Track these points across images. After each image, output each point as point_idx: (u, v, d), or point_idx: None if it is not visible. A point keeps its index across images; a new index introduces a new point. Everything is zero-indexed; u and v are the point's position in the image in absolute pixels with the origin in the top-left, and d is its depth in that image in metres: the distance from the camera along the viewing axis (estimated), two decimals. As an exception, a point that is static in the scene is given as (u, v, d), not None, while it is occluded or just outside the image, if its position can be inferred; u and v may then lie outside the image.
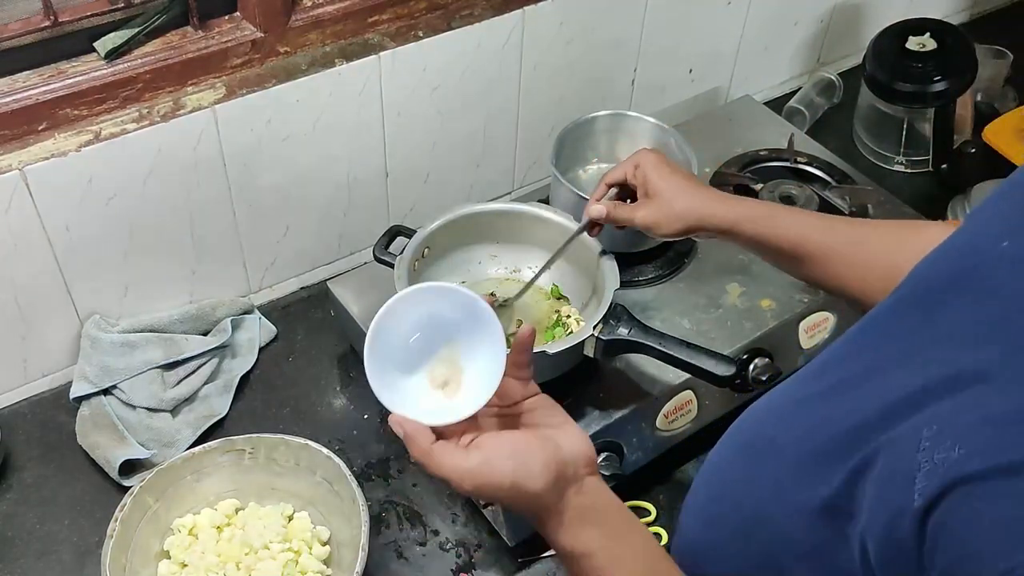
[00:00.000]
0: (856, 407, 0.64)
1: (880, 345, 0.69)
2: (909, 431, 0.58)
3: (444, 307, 0.80)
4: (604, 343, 1.07)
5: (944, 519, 0.53)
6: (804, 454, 0.67)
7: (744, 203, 1.06)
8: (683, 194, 1.05)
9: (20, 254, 1.14)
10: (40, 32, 1.09)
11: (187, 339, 1.26)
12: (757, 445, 0.76)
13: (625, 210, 1.09)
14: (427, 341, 0.81)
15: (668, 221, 1.05)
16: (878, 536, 0.57)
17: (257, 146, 1.23)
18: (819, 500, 0.63)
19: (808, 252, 1.00)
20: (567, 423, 0.80)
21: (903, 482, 0.56)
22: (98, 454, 1.17)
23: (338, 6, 1.24)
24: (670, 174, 1.07)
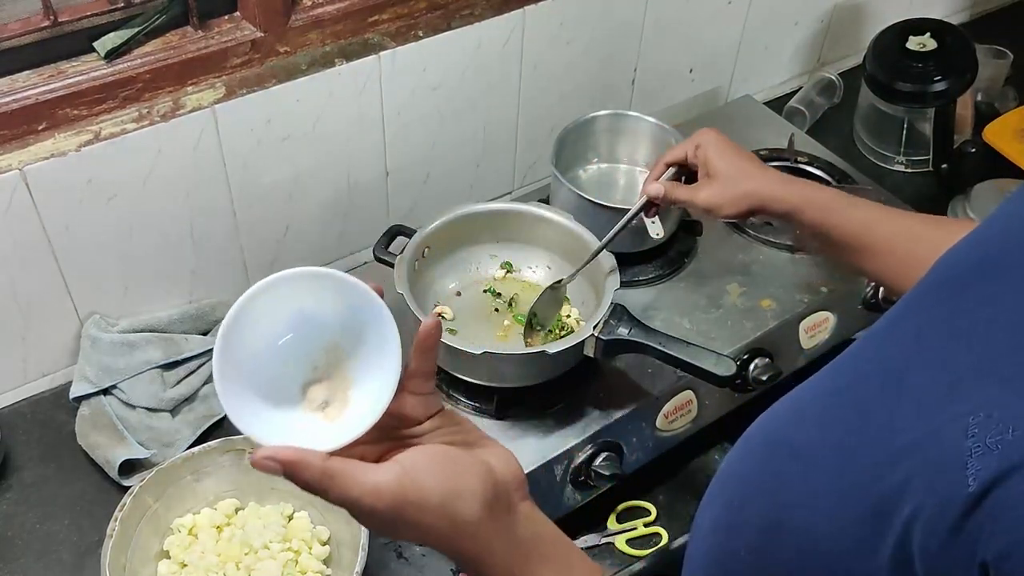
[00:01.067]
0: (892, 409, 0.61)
1: (911, 338, 0.65)
2: (953, 420, 0.55)
3: (321, 300, 0.64)
4: (604, 343, 1.07)
5: (1002, 501, 0.51)
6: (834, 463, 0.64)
7: (808, 187, 1.04)
8: (746, 175, 1.04)
9: (20, 254, 1.14)
10: (40, 32, 1.09)
11: (187, 339, 1.26)
12: (782, 446, 0.71)
13: (685, 191, 1.08)
14: (300, 346, 0.65)
15: (730, 202, 1.04)
16: (924, 526, 0.54)
17: (257, 146, 1.23)
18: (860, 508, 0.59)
19: (869, 244, 0.99)
20: (487, 439, 0.68)
21: (953, 468, 0.53)
22: (98, 454, 1.17)
23: (338, 6, 1.24)
24: (732, 154, 1.05)
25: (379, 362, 0.63)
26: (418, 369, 0.66)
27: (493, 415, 1.12)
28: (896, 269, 0.98)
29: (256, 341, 0.63)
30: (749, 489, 0.73)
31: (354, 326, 0.64)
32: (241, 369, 0.62)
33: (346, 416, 0.64)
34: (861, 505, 0.59)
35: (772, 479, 0.70)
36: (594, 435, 1.11)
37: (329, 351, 0.65)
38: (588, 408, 1.14)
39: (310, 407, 0.65)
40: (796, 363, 1.27)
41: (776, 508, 0.68)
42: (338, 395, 0.65)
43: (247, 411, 0.62)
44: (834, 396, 0.69)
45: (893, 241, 0.98)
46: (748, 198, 1.03)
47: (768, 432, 0.74)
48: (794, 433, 0.70)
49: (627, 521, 1.17)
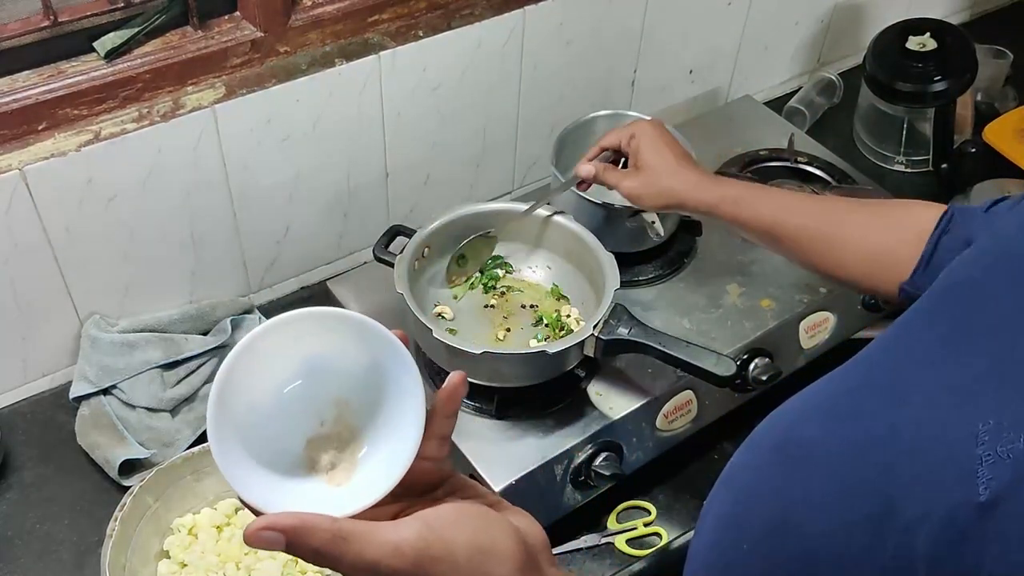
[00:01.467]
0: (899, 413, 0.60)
1: (921, 343, 0.65)
2: (961, 426, 0.55)
3: (336, 345, 0.57)
4: (604, 343, 1.07)
5: (1014, 513, 0.50)
6: (840, 465, 0.63)
7: (725, 185, 1.08)
8: (670, 172, 1.08)
9: (20, 254, 1.14)
10: (40, 32, 1.09)
11: (187, 339, 1.26)
12: (789, 448, 0.70)
13: (613, 175, 1.13)
14: (307, 396, 0.57)
15: (650, 196, 1.09)
16: (932, 533, 0.54)
17: (257, 146, 1.23)
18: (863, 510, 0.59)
19: (784, 234, 1.02)
20: (505, 502, 0.63)
21: (962, 475, 0.52)
22: (98, 454, 1.17)
23: (338, 6, 1.24)
24: (662, 150, 1.10)
25: (397, 421, 0.56)
26: (436, 431, 0.59)
27: (493, 415, 1.12)
28: (816, 253, 1.01)
29: (258, 388, 0.55)
30: (755, 488, 0.72)
31: (372, 377, 0.57)
32: (239, 421, 0.54)
33: (355, 481, 0.56)
34: (863, 507, 0.59)
35: (778, 478, 0.69)
36: (594, 435, 1.11)
37: (339, 404, 0.57)
38: (588, 408, 1.14)
39: (313, 469, 0.56)
40: (796, 363, 1.27)
41: (781, 507, 0.68)
42: (346, 456, 0.57)
43: (244, 471, 0.54)
44: (842, 398, 0.68)
45: (809, 226, 1.01)
46: (667, 195, 1.08)
47: (776, 432, 0.74)
48: (801, 433, 0.70)
49: (627, 521, 1.17)
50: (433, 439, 0.59)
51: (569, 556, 1.13)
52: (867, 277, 0.98)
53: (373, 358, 0.56)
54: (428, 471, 0.60)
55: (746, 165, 1.47)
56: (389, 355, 0.56)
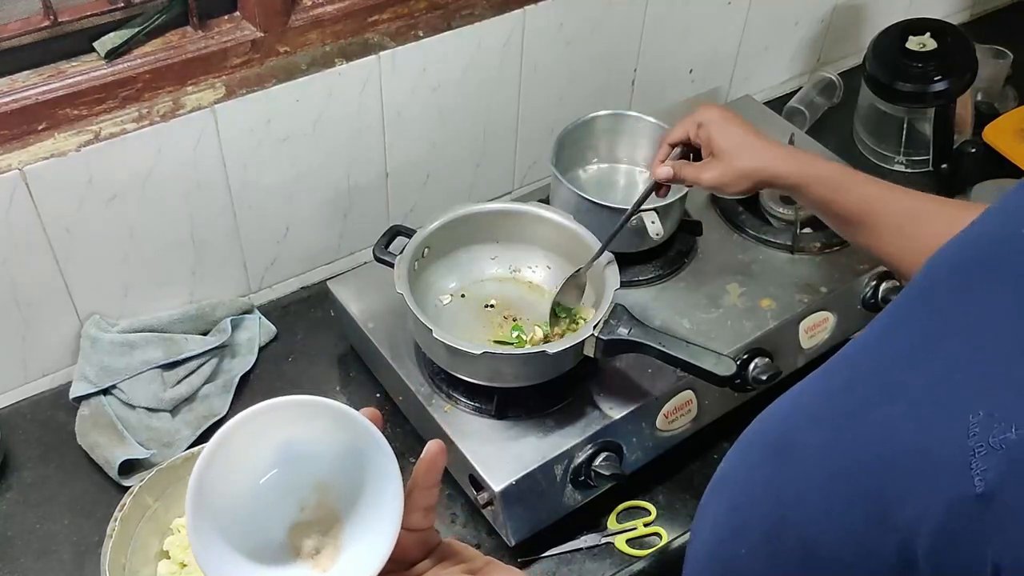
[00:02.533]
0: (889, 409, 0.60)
1: (907, 338, 0.65)
2: (952, 419, 0.54)
3: (311, 431, 0.57)
4: (604, 343, 1.07)
5: (1013, 503, 0.50)
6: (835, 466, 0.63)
7: (814, 163, 1.03)
8: (749, 151, 1.03)
9: (20, 254, 1.14)
10: (40, 32, 1.09)
11: (187, 339, 1.26)
12: (782, 449, 0.70)
13: (691, 170, 1.08)
14: (286, 483, 0.57)
15: (735, 180, 1.04)
16: (932, 532, 0.54)
17: (257, 146, 1.23)
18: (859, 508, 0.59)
19: (873, 222, 0.99)
20: (492, 563, 0.64)
21: (956, 469, 0.52)
22: (98, 454, 1.17)
23: (338, 6, 1.24)
24: (734, 130, 1.05)
25: (378, 500, 0.56)
26: (419, 503, 0.59)
27: (493, 415, 1.12)
28: (900, 247, 0.98)
29: (235, 480, 0.55)
30: (750, 490, 0.72)
31: (348, 462, 0.57)
32: (219, 513, 0.54)
33: (340, 565, 0.56)
34: (860, 505, 0.59)
35: (772, 481, 0.69)
36: (594, 435, 1.11)
37: (319, 489, 0.58)
38: (588, 408, 1.14)
39: (298, 555, 0.57)
40: (796, 363, 1.27)
41: (777, 509, 0.67)
42: (330, 540, 0.57)
43: (226, 565, 0.54)
44: (831, 396, 0.68)
45: (898, 219, 0.98)
46: (753, 175, 1.03)
47: (766, 434, 0.73)
48: (793, 434, 0.69)
49: (627, 521, 1.17)
50: (417, 511, 0.59)
51: (569, 556, 1.13)
52: None
53: (349, 442, 0.56)
54: (415, 543, 0.60)
55: (746, 165, 1.47)
56: (364, 439, 0.56)
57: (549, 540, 1.14)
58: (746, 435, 0.75)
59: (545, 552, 1.13)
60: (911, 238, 0.97)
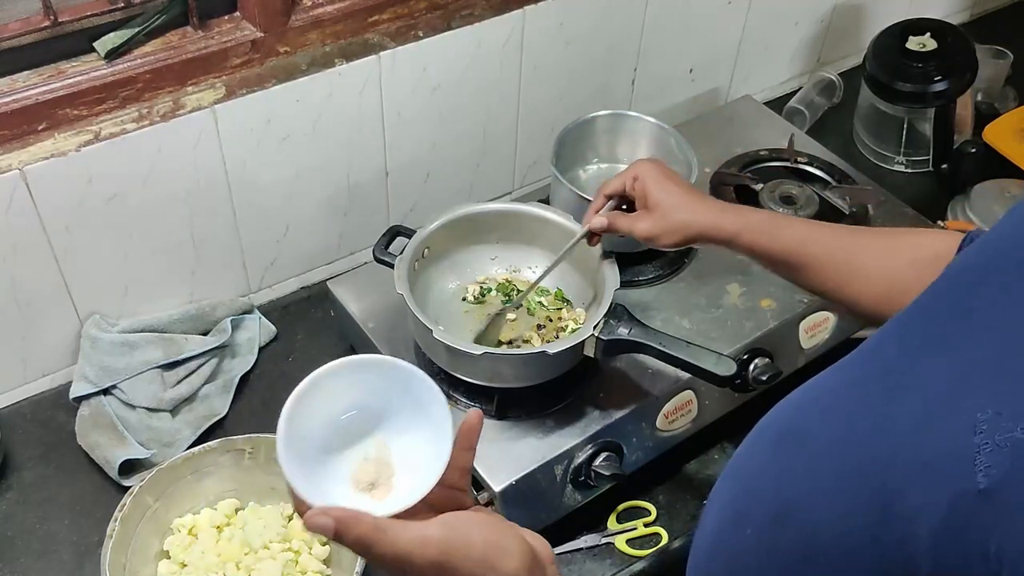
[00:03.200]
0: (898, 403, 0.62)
1: (921, 335, 0.66)
2: (959, 416, 0.56)
3: (379, 385, 0.71)
4: (604, 343, 1.07)
5: (1015, 500, 0.51)
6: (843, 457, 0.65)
7: (743, 214, 1.06)
8: (682, 207, 1.06)
9: (20, 254, 1.14)
10: (40, 32, 1.09)
11: (187, 339, 1.26)
12: (791, 438, 0.72)
13: (625, 221, 1.10)
14: (358, 426, 0.71)
15: (667, 234, 1.06)
16: (934, 525, 0.55)
17: (257, 146, 1.23)
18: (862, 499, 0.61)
19: (805, 262, 1.01)
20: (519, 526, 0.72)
21: (961, 464, 0.54)
22: (98, 454, 1.17)
23: (338, 6, 1.24)
24: (669, 186, 1.07)
25: (427, 450, 0.68)
26: (456, 463, 0.70)
27: (493, 415, 1.12)
28: (834, 281, 1.00)
29: (320, 413, 0.69)
30: (758, 478, 0.74)
31: (407, 411, 0.70)
32: (303, 435, 0.68)
33: (390, 497, 0.69)
34: (864, 496, 0.60)
35: (781, 469, 0.71)
36: (594, 435, 1.11)
37: (379, 446, 0.71)
38: (588, 408, 1.14)
39: (357, 487, 0.69)
40: (796, 363, 1.27)
41: (783, 496, 0.69)
42: (383, 480, 0.70)
43: (303, 474, 0.66)
44: (844, 389, 0.69)
45: (835, 255, 1.00)
46: (684, 229, 1.05)
47: (778, 424, 0.75)
48: (802, 424, 0.71)
49: (627, 521, 1.17)
50: (456, 469, 0.69)
51: (569, 556, 1.13)
52: (885, 302, 0.97)
53: (406, 393, 0.69)
54: (451, 498, 0.70)
55: (746, 165, 1.47)
56: (419, 391, 0.69)
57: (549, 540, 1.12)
58: (758, 425, 0.77)
59: (545, 552, 1.13)
60: (841, 269, 0.99)
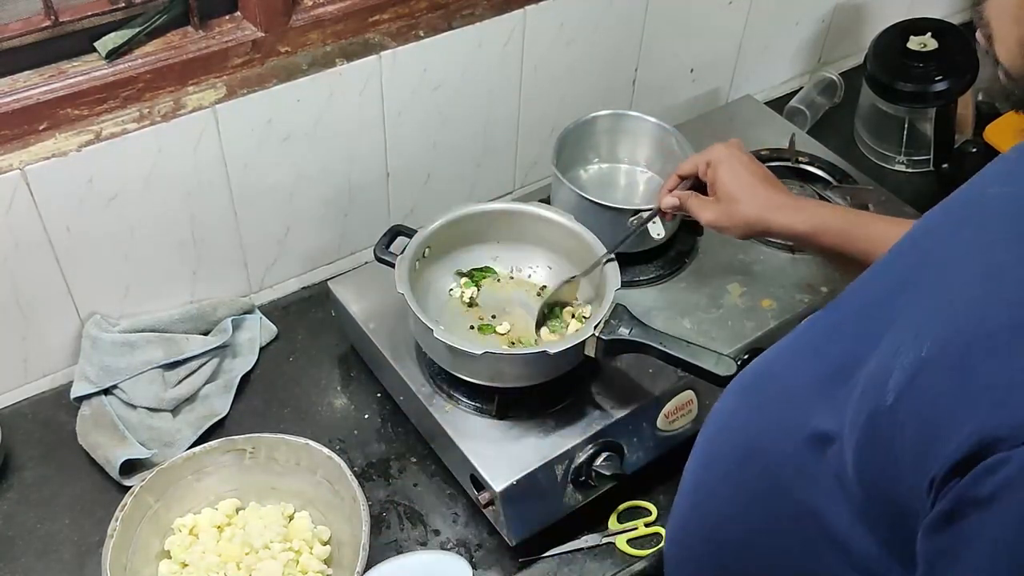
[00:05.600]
0: (850, 341, 0.67)
1: (882, 284, 0.71)
2: (891, 344, 0.62)
3: None
4: (605, 343, 1.07)
5: (910, 405, 0.57)
6: (800, 387, 0.69)
7: (818, 212, 1.01)
8: (752, 200, 1.02)
9: (21, 254, 1.14)
10: (41, 32, 1.09)
11: (188, 339, 1.26)
12: (758, 385, 0.76)
13: (696, 203, 1.08)
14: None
15: (734, 227, 1.04)
16: (857, 441, 0.61)
17: (258, 146, 1.23)
18: (809, 428, 0.66)
19: None
20: None
21: (880, 386, 0.59)
22: (99, 454, 1.17)
23: (339, 6, 1.24)
24: (743, 176, 1.03)
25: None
26: None
27: (494, 415, 1.12)
28: None
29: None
30: (727, 423, 0.79)
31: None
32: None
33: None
34: (812, 429, 0.66)
35: (747, 412, 0.77)
36: (595, 435, 1.11)
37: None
38: (588, 408, 1.14)
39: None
40: (797, 363, 1.27)
41: (747, 437, 0.75)
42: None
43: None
44: (804, 335, 0.76)
45: None
46: (752, 225, 1.03)
47: (747, 374, 0.81)
48: (770, 369, 0.78)
49: (628, 521, 1.17)
50: None
51: (570, 556, 1.13)
52: None
53: None
54: None
55: (747, 165, 1.47)
56: None
57: (550, 540, 1.14)
58: (732, 381, 0.84)
59: (546, 552, 1.13)
60: None
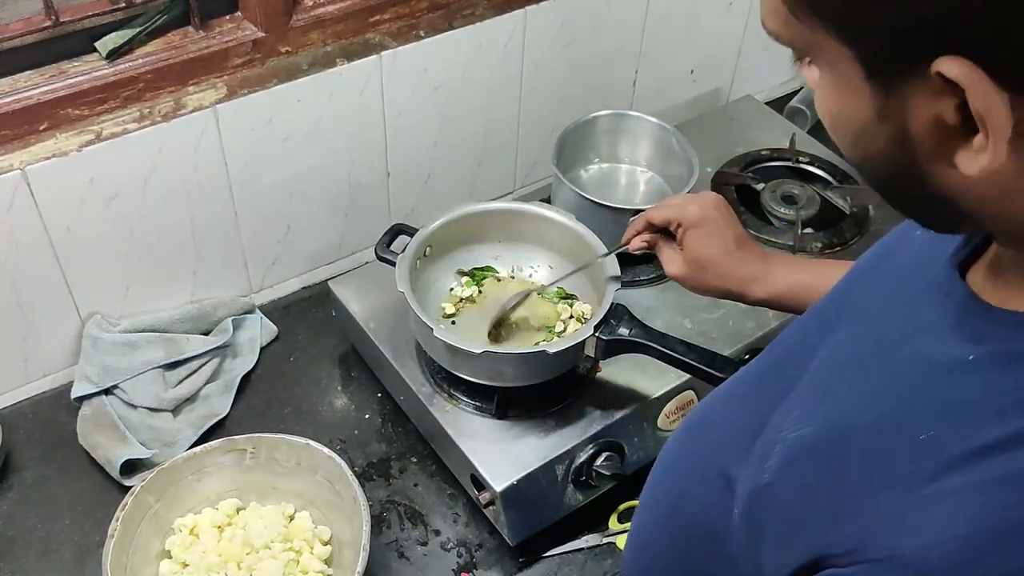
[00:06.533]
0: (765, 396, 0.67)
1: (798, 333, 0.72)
2: (784, 410, 0.62)
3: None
4: (605, 343, 1.07)
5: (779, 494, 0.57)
6: (725, 440, 0.70)
7: (782, 278, 0.99)
8: (718, 271, 1.00)
9: (21, 254, 1.14)
10: (41, 32, 1.09)
11: (188, 339, 1.27)
12: (696, 429, 0.77)
13: (664, 256, 1.05)
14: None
15: (699, 289, 1.03)
16: (740, 515, 0.61)
17: (258, 146, 1.23)
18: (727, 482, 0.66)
19: None
20: None
21: (762, 460, 0.60)
22: (99, 454, 1.17)
23: (339, 6, 1.24)
24: (710, 245, 1.00)
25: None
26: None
27: (494, 415, 1.12)
28: None
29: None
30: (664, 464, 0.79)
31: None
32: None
33: None
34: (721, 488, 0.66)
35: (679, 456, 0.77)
36: (595, 435, 1.11)
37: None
38: (589, 408, 1.14)
39: None
40: (797, 363, 1.27)
41: (678, 485, 0.75)
42: None
43: None
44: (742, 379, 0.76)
45: None
46: (712, 292, 1.02)
47: (689, 416, 0.81)
48: (705, 413, 0.78)
49: (628, 521, 1.17)
50: None
51: (570, 556, 1.13)
52: None
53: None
54: None
55: (747, 165, 1.47)
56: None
57: (550, 540, 1.14)
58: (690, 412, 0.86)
59: (546, 552, 1.13)
60: None
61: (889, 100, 0.47)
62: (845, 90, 0.49)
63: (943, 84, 0.44)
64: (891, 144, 0.49)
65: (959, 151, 0.46)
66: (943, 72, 0.43)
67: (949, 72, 0.43)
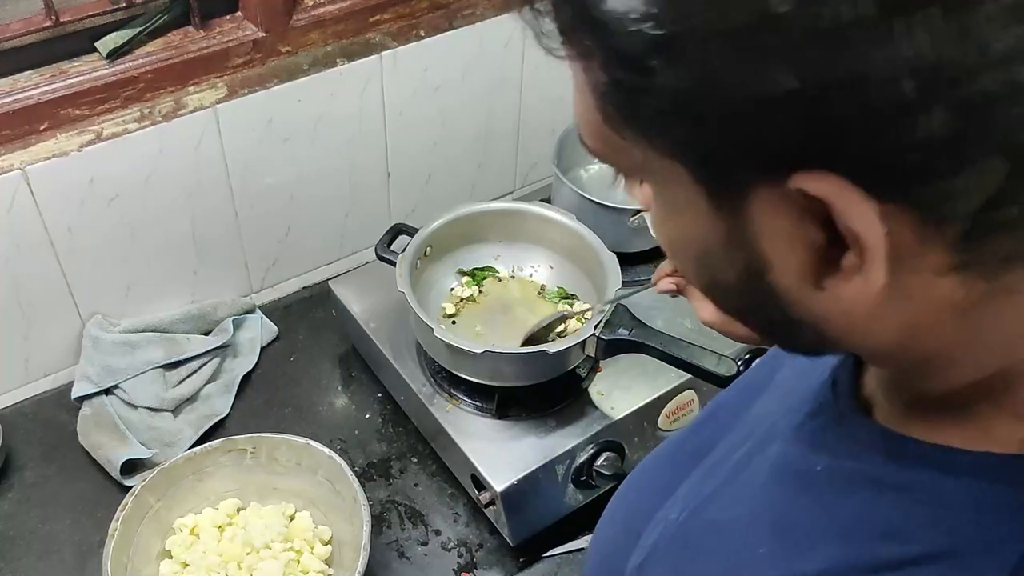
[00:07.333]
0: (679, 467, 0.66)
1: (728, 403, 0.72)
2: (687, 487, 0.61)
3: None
4: (605, 343, 1.07)
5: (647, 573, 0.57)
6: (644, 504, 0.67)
7: None
8: None
9: (22, 254, 1.14)
10: (42, 32, 1.09)
11: (188, 339, 1.27)
12: (631, 479, 0.75)
13: (695, 300, 0.98)
14: None
15: (729, 336, 0.96)
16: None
17: (258, 146, 1.23)
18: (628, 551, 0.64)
19: None
20: None
21: (647, 537, 0.59)
22: (100, 454, 1.17)
23: (339, 6, 1.24)
24: None
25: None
26: None
27: (494, 414, 1.12)
28: None
29: None
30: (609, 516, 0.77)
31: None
32: None
33: None
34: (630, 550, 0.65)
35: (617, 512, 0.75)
36: (596, 435, 1.11)
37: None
38: (589, 408, 1.14)
39: None
40: (798, 363, 1.27)
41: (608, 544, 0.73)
42: None
43: None
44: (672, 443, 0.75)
45: None
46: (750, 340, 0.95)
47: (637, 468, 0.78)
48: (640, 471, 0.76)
49: (628, 521, 1.17)
50: None
51: (571, 556, 1.13)
52: None
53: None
54: None
55: (748, 165, 1.47)
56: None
57: (550, 540, 1.14)
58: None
59: (547, 552, 1.13)
60: None
61: (738, 221, 0.39)
62: (685, 212, 0.42)
63: (802, 199, 0.36)
64: (744, 270, 0.41)
65: (828, 275, 0.38)
66: (803, 188, 0.35)
67: (809, 188, 0.35)
